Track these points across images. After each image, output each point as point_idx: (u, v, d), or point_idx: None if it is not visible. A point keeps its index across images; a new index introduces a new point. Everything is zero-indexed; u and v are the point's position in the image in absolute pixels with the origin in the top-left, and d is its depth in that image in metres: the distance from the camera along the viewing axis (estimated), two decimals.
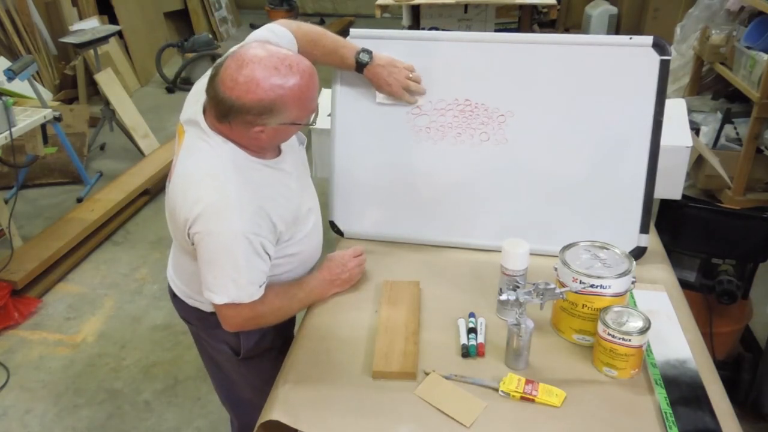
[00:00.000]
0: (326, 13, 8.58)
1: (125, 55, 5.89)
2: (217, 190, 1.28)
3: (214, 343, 1.57)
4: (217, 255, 1.30)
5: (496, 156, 1.66)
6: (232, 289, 1.32)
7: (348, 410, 1.22)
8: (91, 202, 3.68)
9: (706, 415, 1.17)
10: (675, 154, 1.73)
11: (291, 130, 1.35)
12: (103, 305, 3.05)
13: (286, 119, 1.27)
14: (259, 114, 1.24)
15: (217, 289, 1.32)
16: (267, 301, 1.38)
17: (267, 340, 1.55)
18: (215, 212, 1.27)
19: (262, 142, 1.31)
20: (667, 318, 1.43)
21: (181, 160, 1.36)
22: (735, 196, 2.54)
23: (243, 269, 1.31)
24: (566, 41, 1.63)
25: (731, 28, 3.01)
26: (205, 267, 1.32)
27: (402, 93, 1.63)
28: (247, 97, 1.21)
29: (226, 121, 1.27)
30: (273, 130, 1.28)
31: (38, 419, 2.40)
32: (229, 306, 1.34)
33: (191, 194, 1.29)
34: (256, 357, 1.56)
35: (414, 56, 1.65)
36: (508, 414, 1.20)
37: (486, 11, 3.97)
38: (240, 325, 1.41)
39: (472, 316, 1.44)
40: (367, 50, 1.59)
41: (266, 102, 1.22)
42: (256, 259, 1.32)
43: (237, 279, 1.31)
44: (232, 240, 1.27)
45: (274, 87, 1.22)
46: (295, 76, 1.23)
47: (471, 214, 1.70)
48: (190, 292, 1.52)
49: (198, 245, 1.31)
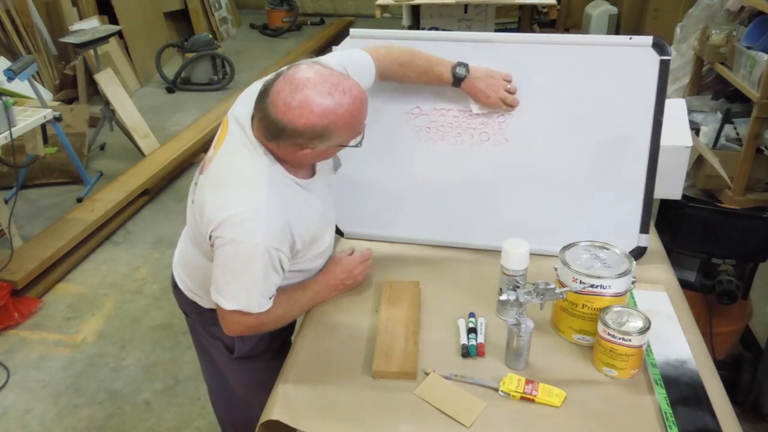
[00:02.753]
0: (326, 13, 8.58)
1: (125, 55, 5.89)
2: (250, 200, 1.28)
3: (210, 338, 1.58)
4: (235, 263, 1.29)
5: (496, 156, 1.66)
6: (243, 298, 1.31)
7: (348, 410, 1.22)
8: (91, 202, 3.68)
9: (706, 415, 1.17)
10: (675, 154, 1.73)
11: (336, 151, 1.36)
12: (103, 305, 3.05)
13: (335, 142, 1.29)
14: (311, 138, 1.25)
15: (228, 295, 1.32)
16: (270, 310, 1.38)
17: (263, 343, 1.55)
18: (242, 222, 1.27)
19: (306, 160, 1.33)
20: (667, 318, 1.43)
21: (219, 158, 1.35)
22: (735, 196, 2.54)
23: (258, 281, 1.30)
24: (566, 41, 1.63)
25: (731, 28, 3.01)
26: (220, 271, 1.31)
27: (499, 104, 1.60)
28: (299, 122, 1.22)
29: (275, 142, 1.28)
30: (320, 152, 1.30)
31: (38, 419, 2.40)
32: (235, 313, 1.33)
33: (223, 198, 1.30)
34: (250, 357, 1.56)
35: None
36: (508, 414, 1.20)
37: (486, 11, 3.97)
38: (241, 332, 1.41)
39: (472, 316, 1.44)
40: (463, 63, 1.57)
41: (319, 128, 1.23)
42: (273, 273, 1.32)
43: (250, 289, 1.31)
44: (253, 252, 1.27)
45: (328, 113, 1.22)
46: (348, 101, 1.24)
47: (471, 213, 1.70)
48: (192, 286, 1.53)
49: (218, 249, 1.30)
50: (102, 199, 3.71)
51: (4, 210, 3.19)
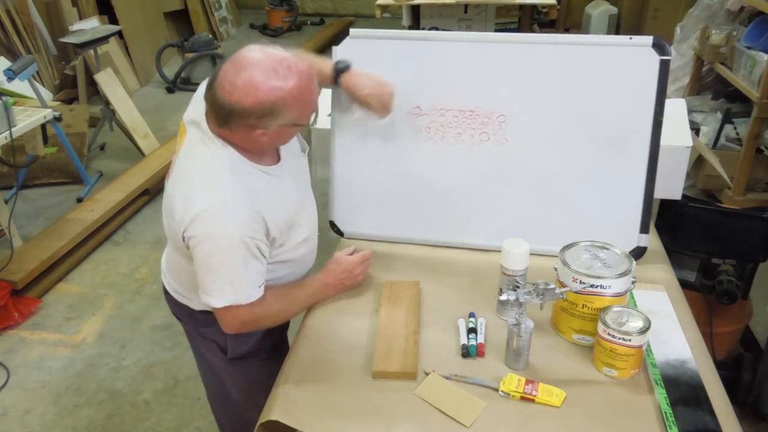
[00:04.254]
0: (326, 13, 8.58)
1: (125, 55, 5.89)
2: (214, 194, 1.28)
3: (204, 341, 1.58)
4: (213, 259, 1.30)
5: (496, 156, 1.66)
6: (230, 292, 1.31)
7: (348, 410, 1.22)
8: (91, 202, 3.68)
9: (706, 415, 1.17)
10: (675, 154, 1.73)
11: (292, 132, 1.35)
12: (103, 305, 3.05)
13: (287, 120, 1.27)
14: (260, 117, 1.24)
15: (214, 293, 1.32)
16: (265, 303, 1.38)
17: (255, 341, 1.54)
18: (211, 217, 1.27)
19: (263, 144, 1.32)
20: (667, 318, 1.43)
21: (180, 161, 1.37)
22: (735, 196, 2.54)
23: (240, 272, 1.31)
24: (566, 41, 1.63)
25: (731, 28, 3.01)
26: (202, 271, 1.32)
27: (376, 98, 1.57)
28: (246, 101, 1.21)
29: (227, 127, 1.27)
30: (274, 133, 1.29)
31: (38, 419, 2.40)
32: (227, 309, 1.33)
33: (188, 196, 1.30)
34: (244, 358, 1.55)
35: (414, 56, 1.65)
36: (508, 414, 1.20)
37: (486, 11, 3.97)
38: (238, 328, 1.40)
39: (472, 316, 1.44)
40: (344, 61, 1.58)
41: (267, 105, 1.22)
42: (253, 261, 1.32)
43: (234, 282, 1.31)
44: (228, 244, 1.28)
45: (274, 89, 1.22)
46: (294, 77, 1.24)
47: (471, 214, 1.70)
48: (180, 289, 1.53)
49: (194, 249, 1.30)
50: (102, 199, 3.71)
51: (4, 210, 3.19)
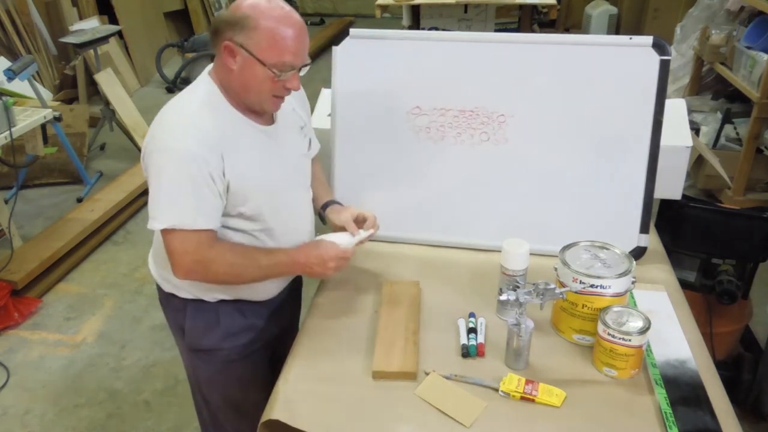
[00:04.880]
0: (326, 13, 8.59)
1: (125, 55, 5.89)
2: (176, 110, 1.32)
3: (173, 326, 1.55)
4: (162, 174, 1.27)
5: (496, 156, 1.66)
6: (174, 212, 1.27)
7: (348, 410, 1.22)
8: (91, 202, 3.68)
9: (706, 415, 1.17)
10: (675, 154, 1.73)
11: (256, 72, 1.29)
12: (103, 305, 3.05)
13: (252, 45, 1.26)
14: (233, 25, 1.26)
15: (158, 213, 1.28)
16: (219, 247, 1.33)
17: (215, 338, 1.48)
18: (168, 127, 1.29)
19: (233, 75, 1.30)
20: (667, 318, 1.43)
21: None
22: (735, 196, 2.54)
23: (187, 192, 1.26)
24: (566, 41, 1.63)
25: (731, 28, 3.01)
26: (151, 192, 1.29)
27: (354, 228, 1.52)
28: (231, 9, 1.28)
29: (215, 49, 1.31)
30: (241, 60, 1.28)
31: (38, 419, 2.40)
32: (172, 234, 1.28)
33: (153, 125, 1.32)
34: (204, 352, 1.51)
35: (414, 56, 1.65)
36: (508, 414, 1.20)
37: (486, 11, 3.97)
38: (188, 268, 1.32)
39: (472, 316, 1.44)
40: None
41: (241, 16, 1.26)
42: (204, 187, 1.27)
43: (179, 200, 1.27)
44: (178, 158, 1.26)
45: (257, 5, 1.26)
46: (281, 13, 1.27)
47: (471, 214, 1.70)
48: (156, 267, 1.51)
49: (147, 169, 1.29)
50: (102, 199, 3.71)
51: (4, 210, 3.19)
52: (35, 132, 3.23)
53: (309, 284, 1.82)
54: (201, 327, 1.48)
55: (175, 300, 1.48)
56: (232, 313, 1.48)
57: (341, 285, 1.59)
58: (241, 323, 1.49)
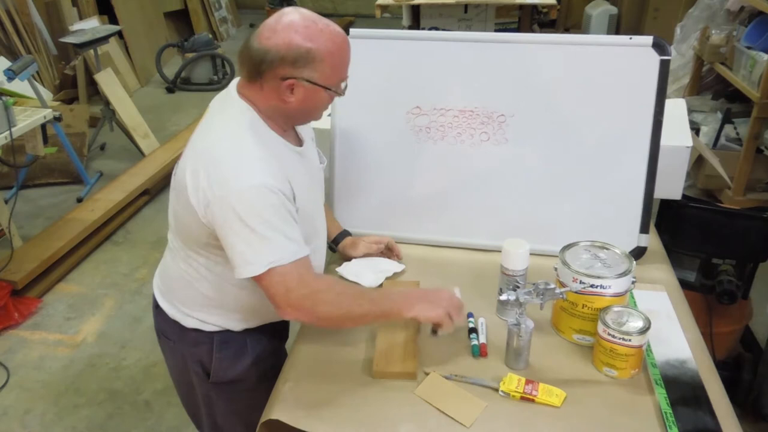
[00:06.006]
0: (326, 13, 8.57)
1: (125, 55, 5.89)
2: (229, 147, 1.21)
3: (190, 362, 1.46)
4: (244, 217, 1.16)
5: (496, 156, 1.66)
6: (269, 250, 1.17)
7: (348, 410, 1.22)
8: (91, 202, 3.68)
9: (706, 415, 1.17)
10: (675, 154, 1.73)
11: (320, 97, 1.26)
12: (103, 305, 3.05)
13: (318, 75, 1.22)
14: (293, 62, 1.19)
15: (254, 258, 1.17)
16: (323, 278, 1.31)
17: (243, 367, 1.43)
18: (232, 169, 1.18)
19: (291, 106, 1.24)
20: (667, 318, 1.43)
21: (197, 133, 1.30)
22: (735, 196, 2.54)
23: (276, 225, 1.18)
24: (566, 41, 1.63)
25: (731, 28, 3.01)
26: (234, 239, 1.18)
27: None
28: (283, 44, 1.18)
29: (259, 77, 1.22)
30: (303, 91, 1.23)
31: (38, 419, 2.40)
32: (272, 274, 1.18)
33: (206, 162, 1.21)
34: (228, 384, 1.45)
35: (414, 56, 1.65)
36: (508, 414, 1.20)
37: (486, 11, 3.97)
38: (297, 305, 1.21)
39: (471, 316, 1.44)
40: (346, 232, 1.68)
41: (302, 49, 1.18)
42: (288, 216, 1.20)
43: (271, 238, 1.17)
44: (256, 195, 1.17)
45: (311, 36, 1.19)
46: (331, 32, 1.22)
47: (471, 213, 1.70)
48: (174, 300, 1.43)
49: (219, 217, 1.18)
50: (102, 199, 3.72)
51: (4, 210, 3.20)
52: (35, 132, 3.23)
53: None
54: (230, 357, 1.42)
55: (198, 334, 1.40)
56: (259, 338, 1.44)
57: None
58: (267, 347, 1.46)
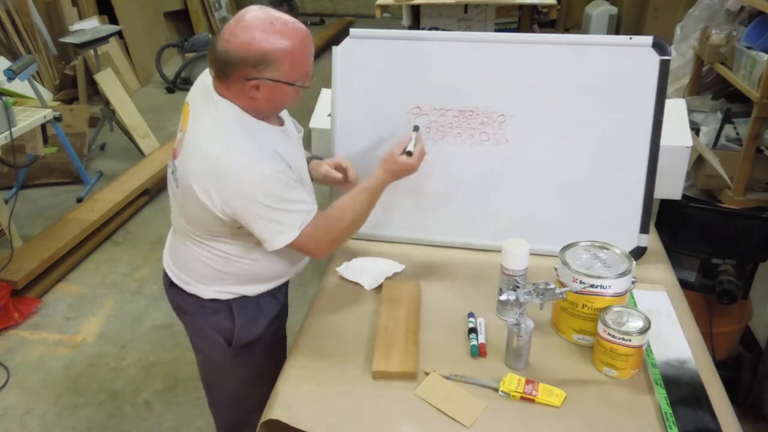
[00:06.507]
0: (326, 13, 8.59)
1: (125, 55, 5.89)
2: (226, 150, 1.31)
3: (209, 331, 1.56)
4: (261, 201, 1.31)
5: (496, 156, 1.66)
6: (294, 218, 1.35)
7: (348, 410, 1.22)
8: (91, 202, 3.68)
9: (706, 415, 1.17)
10: (675, 154, 1.73)
11: (285, 92, 1.34)
12: (103, 305, 3.05)
13: (280, 74, 1.29)
14: (254, 65, 1.26)
15: (285, 228, 1.34)
16: (332, 215, 1.43)
17: (261, 328, 1.55)
18: (235, 171, 1.30)
19: (259, 103, 1.33)
20: (667, 318, 1.43)
21: (188, 133, 1.38)
22: (735, 196, 2.54)
23: (291, 198, 1.34)
24: (566, 41, 1.63)
25: (731, 28, 3.01)
26: (260, 222, 1.33)
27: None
28: (242, 48, 1.25)
29: (226, 79, 1.30)
30: (268, 89, 1.30)
31: (38, 419, 2.40)
32: (302, 236, 1.36)
33: (210, 168, 1.32)
34: (248, 347, 1.56)
35: (414, 56, 1.65)
36: (508, 414, 1.20)
37: (486, 11, 3.97)
38: (327, 249, 1.45)
39: (471, 316, 1.44)
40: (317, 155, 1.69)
41: (260, 52, 1.25)
42: (296, 185, 1.36)
43: (292, 208, 1.34)
44: (262, 179, 1.30)
45: (269, 38, 1.25)
46: (290, 32, 1.27)
47: (471, 213, 1.70)
48: (189, 279, 1.52)
49: (242, 211, 1.32)
50: (102, 199, 3.71)
51: (4, 210, 3.19)
52: (35, 132, 3.23)
53: (309, 284, 1.82)
54: (248, 320, 1.53)
55: (216, 303, 1.50)
56: (270, 300, 1.55)
57: (341, 285, 1.60)
58: (277, 307, 1.58)
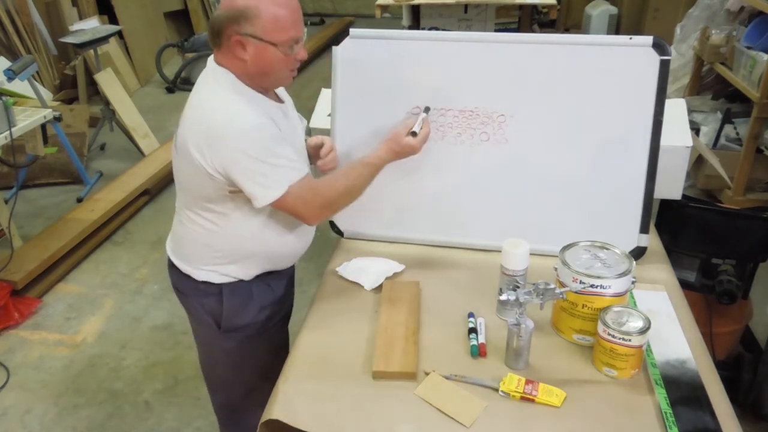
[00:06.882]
0: (326, 13, 8.59)
1: (125, 55, 5.89)
2: (214, 103, 1.38)
3: (202, 313, 1.60)
4: (248, 152, 1.33)
5: (496, 156, 1.66)
6: (282, 173, 1.37)
7: (348, 410, 1.22)
8: (91, 202, 3.68)
9: (706, 415, 1.17)
10: (675, 154, 1.73)
11: (270, 54, 1.36)
12: (103, 305, 3.05)
13: (259, 31, 1.33)
14: (236, 20, 1.32)
15: (271, 184, 1.36)
16: (329, 184, 1.46)
17: (251, 314, 1.57)
18: (222, 117, 1.35)
19: (248, 66, 1.37)
20: (667, 318, 1.43)
21: (189, 102, 1.44)
22: (735, 196, 2.54)
23: (280, 153, 1.37)
24: (566, 41, 1.63)
25: (731, 28, 3.01)
26: (248, 175, 1.35)
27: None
28: (227, 7, 1.32)
29: (219, 43, 1.37)
30: (253, 48, 1.34)
31: (38, 419, 2.40)
32: (290, 194, 1.38)
33: (202, 125, 1.37)
34: (237, 331, 1.58)
35: (414, 56, 1.65)
36: (508, 414, 1.20)
37: (486, 11, 3.97)
38: (318, 213, 1.45)
39: (471, 316, 1.44)
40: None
41: (240, 8, 1.31)
42: (283, 143, 1.38)
43: (280, 163, 1.37)
44: (250, 130, 1.34)
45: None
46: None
47: (471, 214, 1.70)
48: (186, 259, 1.56)
49: (230, 163, 1.35)
50: (102, 199, 3.71)
51: (4, 210, 3.19)
52: (35, 132, 3.23)
53: (309, 283, 1.82)
54: (237, 305, 1.55)
55: (207, 286, 1.53)
56: (263, 287, 1.57)
57: (341, 285, 1.60)
58: (270, 296, 1.59)
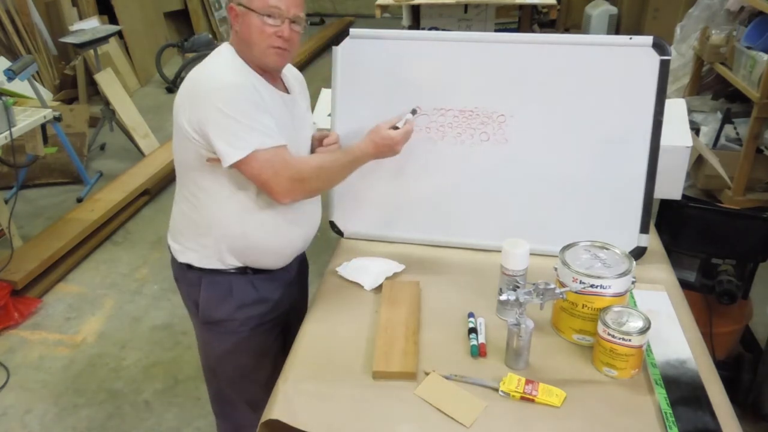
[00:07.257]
0: (326, 13, 8.59)
1: (125, 55, 5.89)
2: (209, 65, 1.41)
3: (188, 300, 1.61)
4: (225, 108, 1.33)
5: (496, 156, 1.66)
6: (254, 135, 1.34)
7: (348, 410, 1.22)
8: (91, 202, 3.68)
9: (706, 415, 1.17)
10: (675, 154, 1.73)
11: (251, 22, 1.38)
12: (103, 305, 3.05)
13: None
14: None
15: (237, 142, 1.34)
16: (303, 159, 1.45)
17: (228, 309, 1.55)
18: (211, 74, 1.38)
19: (238, 37, 1.42)
20: (667, 318, 1.43)
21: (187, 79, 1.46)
22: (735, 196, 2.53)
23: (256, 117, 1.35)
24: (566, 41, 1.63)
25: (731, 28, 3.01)
26: (218, 130, 1.34)
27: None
28: None
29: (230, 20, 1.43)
30: (241, 17, 1.39)
31: (38, 419, 2.40)
32: (258, 159, 1.35)
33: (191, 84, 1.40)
34: (216, 324, 1.57)
35: (414, 56, 1.65)
36: (508, 414, 1.20)
37: (486, 11, 3.97)
38: (287, 187, 1.40)
39: (471, 316, 1.44)
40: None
41: None
42: (264, 111, 1.37)
43: (254, 125, 1.35)
44: (234, 89, 1.35)
45: None
46: None
47: (471, 214, 1.70)
48: (174, 236, 1.57)
49: (203, 118, 1.34)
50: (102, 199, 3.72)
51: (4, 210, 3.19)
52: (35, 132, 3.23)
53: (310, 283, 1.82)
54: (215, 298, 1.54)
55: (190, 273, 1.54)
56: (245, 285, 1.55)
57: (341, 285, 1.60)
58: (253, 295, 1.56)
